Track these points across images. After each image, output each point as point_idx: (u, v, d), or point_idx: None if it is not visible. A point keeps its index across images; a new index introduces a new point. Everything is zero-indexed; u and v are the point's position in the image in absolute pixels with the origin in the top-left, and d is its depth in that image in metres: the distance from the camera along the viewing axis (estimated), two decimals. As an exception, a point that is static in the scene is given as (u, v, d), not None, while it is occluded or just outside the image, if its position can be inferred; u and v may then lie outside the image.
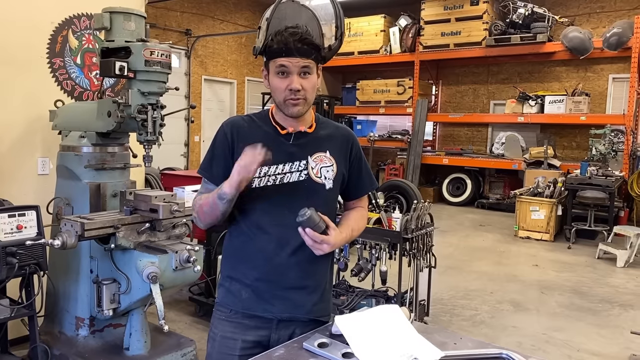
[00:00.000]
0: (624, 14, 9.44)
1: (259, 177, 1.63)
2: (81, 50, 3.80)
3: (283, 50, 1.57)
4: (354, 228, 1.76)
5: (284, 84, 1.60)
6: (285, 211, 1.64)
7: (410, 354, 1.42)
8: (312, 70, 1.63)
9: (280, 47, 1.58)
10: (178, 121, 10.34)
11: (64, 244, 2.49)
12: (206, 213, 1.65)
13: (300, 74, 1.60)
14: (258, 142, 1.63)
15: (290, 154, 1.67)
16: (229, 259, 1.75)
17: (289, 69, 1.59)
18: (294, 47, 1.57)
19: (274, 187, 1.64)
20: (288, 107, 1.63)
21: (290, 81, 1.59)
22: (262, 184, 1.63)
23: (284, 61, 1.58)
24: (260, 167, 1.61)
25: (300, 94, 1.61)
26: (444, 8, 10.19)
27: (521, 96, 9.81)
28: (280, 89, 1.61)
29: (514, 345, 3.83)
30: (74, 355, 2.89)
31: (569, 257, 6.61)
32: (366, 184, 1.85)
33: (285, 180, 1.65)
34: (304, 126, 1.71)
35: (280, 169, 1.65)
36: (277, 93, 1.63)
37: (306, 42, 1.59)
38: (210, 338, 1.75)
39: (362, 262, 3.78)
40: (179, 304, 4.48)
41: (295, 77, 1.59)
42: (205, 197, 1.66)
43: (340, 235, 1.62)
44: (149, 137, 2.76)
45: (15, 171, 3.47)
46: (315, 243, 1.56)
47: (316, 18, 1.71)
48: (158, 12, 9.89)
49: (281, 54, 1.58)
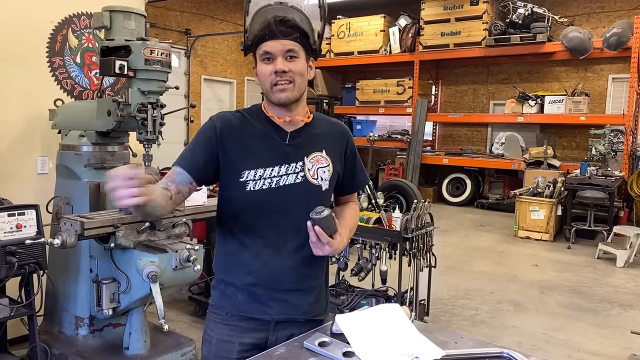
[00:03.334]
0: (623, 14, 9.44)
1: (254, 179, 1.56)
2: (81, 49, 3.80)
3: (266, 34, 1.52)
4: (351, 229, 1.73)
5: (269, 69, 1.53)
6: (281, 215, 1.60)
7: (411, 352, 1.42)
8: (299, 54, 1.55)
9: (263, 33, 1.53)
10: (177, 121, 10.33)
11: (63, 243, 2.48)
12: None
13: (286, 58, 1.53)
14: (251, 142, 1.59)
15: (286, 155, 1.60)
16: (223, 263, 1.69)
17: (274, 54, 1.53)
18: (276, 29, 1.51)
19: (269, 191, 1.57)
20: (275, 94, 1.55)
21: (275, 64, 1.53)
22: (257, 187, 1.56)
23: (268, 46, 1.52)
24: (256, 170, 1.57)
25: (288, 75, 1.53)
26: (443, 8, 10.18)
27: (521, 96, 9.80)
28: (265, 74, 1.54)
29: (514, 344, 3.82)
30: (73, 355, 2.89)
31: (569, 257, 6.61)
32: (360, 180, 1.81)
33: (282, 183, 1.58)
34: (299, 116, 1.63)
35: (276, 171, 1.58)
36: (264, 80, 1.55)
37: (289, 23, 1.53)
38: (206, 341, 1.70)
39: (362, 261, 3.78)
40: (179, 304, 4.47)
41: (280, 59, 1.52)
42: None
43: (342, 242, 1.57)
44: (148, 136, 2.76)
45: (15, 170, 3.46)
46: (318, 242, 1.51)
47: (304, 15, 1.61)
48: (158, 12, 9.89)
49: (264, 39, 1.53)
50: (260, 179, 1.57)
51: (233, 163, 1.58)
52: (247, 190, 1.57)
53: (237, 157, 1.58)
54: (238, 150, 1.58)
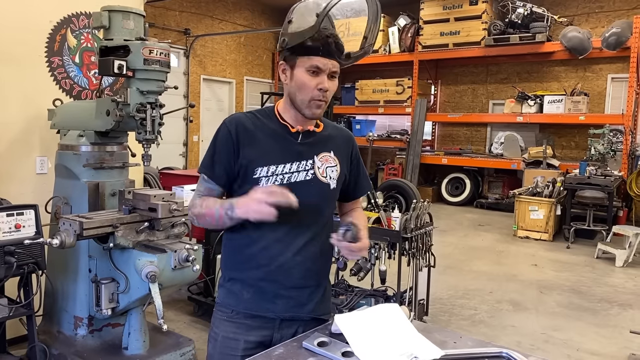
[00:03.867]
0: (622, 13, 9.45)
1: (267, 176, 1.62)
2: (80, 49, 3.79)
3: (320, 49, 1.56)
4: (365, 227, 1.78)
5: (314, 83, 1.58)
6: (291, 211, 1.61)
7: (410, 352, 1.42)
8: (337, 75, 1.65)
9: (317, 46, 1.56)
10: (177, 121, 10.33)
11: (62, 243, 2.48)
12: (208, 223, 1.65)
13: (329, 77, 1.61)
14: (264, 141, 1.64)
15: (298, 153, 1.66)
16: (230, 259, 1.73)
17: (322, 69, 1.58)
18: (332, 48, 1.58)
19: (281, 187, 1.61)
20: (311, 108, 1.61)
21: (321, 80, 1.58)
22: (269, 183, 1.62)
23: (320, 61, 1.57)
24: (268, 167, 1.62)
25: (327, 94, 1.61)
26: (443, 8, 10.18)
27: (520, 96, 9.81)
28: (309, 87, 1.59)
29: (513, 344, 3.83)
30: (72, 355, 2.89)
31: (568, 256, 6.61)
32: (364, 185, 1.88)
33: (293, 180, 1.64)
34: (311, 125, 1.71)
35: (287, 168, 1.64)
36: (305, 90, 1.60)
37: (341, 47, 1.61)
38: (212, 338, 1.73)
39: (362, 261, 3.77)
40: (178, 304, 4.47)
41: (326, 77, 1.59)
42: (209, 206, 1.63)
43: (367, 240, 1.64)
44: (147, 136, 2.75)
45: (14, 170, 3.46)
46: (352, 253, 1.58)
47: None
48: (157, 12, 9.88)
49: (318, 53, 1.57)
50: (272, 175, 1.63)
51: (248, 161, 1.63)
52: (260, 186, 1.61)
53: (252, 156, 1.64)
54: (252, 149, 1.64)
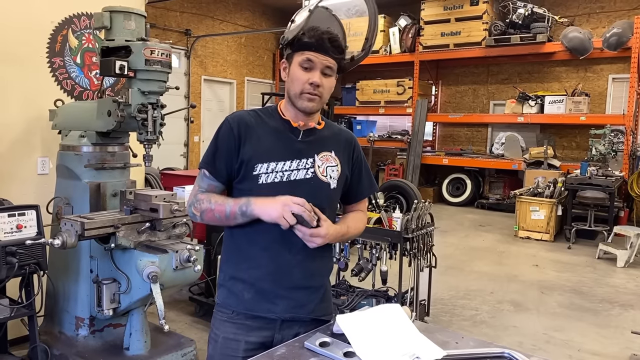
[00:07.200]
0: (623, 14, 9.44)
1: (266, 173, 1.63)
2: (81, 50, 3.79)
3: (314, 44, 1.60)
4: (350, 225, 1.76)
5: (306, 77, 1.62)
6: None
7: (412, 352, 1.42)
8: (332, 73, 1.66)
9: (311, 41, 1.60)
10: (178, 121, 10.34)
11: (64, 244, 2.48)
12: (215, 219, 1.65)
13: (322, 73, 1.63)
14: (265, 138, 1.65)
15: (298, 151, 1.67)
16: (231, 259, 1.73)
17: (314, 64, 1.61)
18: (327, 45, 1.61)
19: (280, 184, 1.63)
20: (303, 101, 1.64)
21: (313, 75, 1.61)
22: (269, 180, 1.62)
23: (312, 55, 1.61)
24: (268, 164, 1.63)
25: (319, 90, 1.63)
26: (443, 8, 10.18)
27: (521, 96, 9.80)
28: (300, 80, 1.62)
29: (515, 345, 3.82)
30: (73, 355, 2.89)
31: (569, 257, 6.61)
32: (367, 187, 1.86)
33: (292, 178, 1.64)
34: (313, 122, 1.72)
35: (287, 165, 1.65)
36: (296, 84, 1.63)
37: (336, 44, 1.64)
38: (212, 339, 1.73)
39: (363, 262, 3.77)
40: (179, 304, 4.47)
41: (318, 72, 1.62)
42: (218, 202, 1.64)
43: (332, 227, 1.63)
44: (149, 137, 2.75)
45: (15, 171, 3.46)
46: (305, 236, 1.58)
47: (343, 31, 1.79)
48: (158, 12, 9.89)
49: (311, 48, 1.61)
50: (272, 172, 1.63)
51: (249, 158, 1.64)
52: (260, 183, 1.63)
53: (252, 152, 1.64)
54: (253, 146, 1.65)
